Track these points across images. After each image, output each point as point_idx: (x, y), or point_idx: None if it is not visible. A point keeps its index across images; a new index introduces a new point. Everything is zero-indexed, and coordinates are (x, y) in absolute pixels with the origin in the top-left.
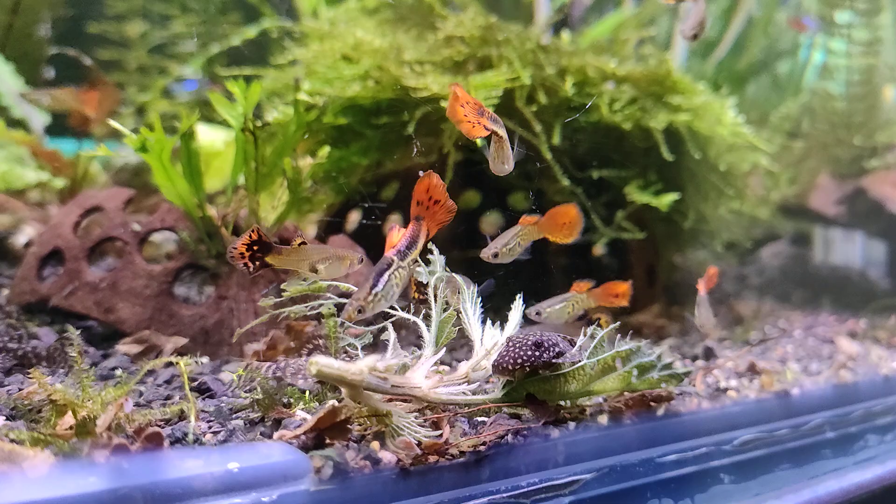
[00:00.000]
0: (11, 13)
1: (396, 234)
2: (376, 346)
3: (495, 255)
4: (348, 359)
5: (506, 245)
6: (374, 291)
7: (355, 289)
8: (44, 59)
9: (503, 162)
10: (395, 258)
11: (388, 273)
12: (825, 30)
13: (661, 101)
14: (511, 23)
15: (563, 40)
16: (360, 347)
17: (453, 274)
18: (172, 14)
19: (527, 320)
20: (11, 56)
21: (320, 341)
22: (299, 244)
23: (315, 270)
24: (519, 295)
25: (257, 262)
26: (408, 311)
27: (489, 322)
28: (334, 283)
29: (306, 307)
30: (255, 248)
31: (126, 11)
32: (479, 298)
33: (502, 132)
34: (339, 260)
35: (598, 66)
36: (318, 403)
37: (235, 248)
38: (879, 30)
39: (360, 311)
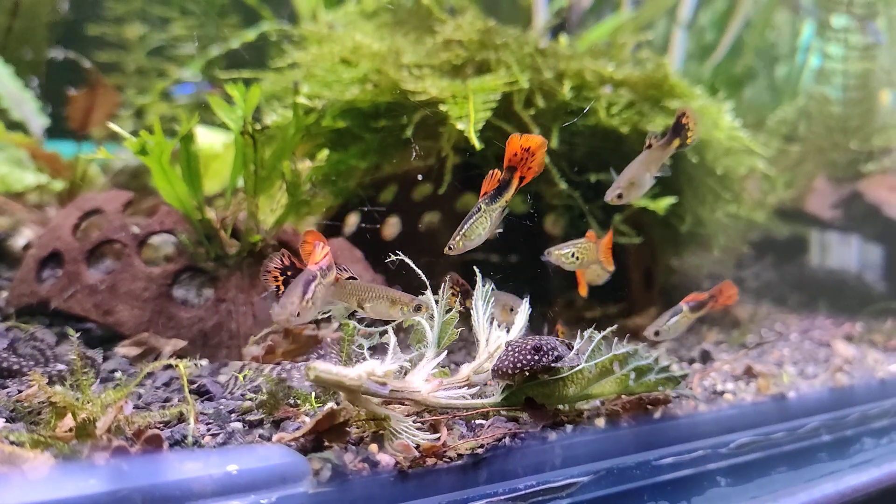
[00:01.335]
0: (11, 15)
1: (320, 252)
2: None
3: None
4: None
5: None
6: (305, 299)
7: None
8: (43, 62)
9: (473, 237)
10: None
11: (314, 284)
12: (822, 34)
13: (659, 104)
14: (509, 27)
15: (561, 44)
16: (366, 348)
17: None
18: (171, 17)
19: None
20: (11, 58)
21: (327, 343)
22: (347, 278)
23: (362, 307)
24: (526, 297)
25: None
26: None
27: (495, 323)
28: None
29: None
30: (290, 273)
31: (125, 14)
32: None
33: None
34: (390, 302)
35: (596, 69)
36: (322, 405)
37: (269, 272)
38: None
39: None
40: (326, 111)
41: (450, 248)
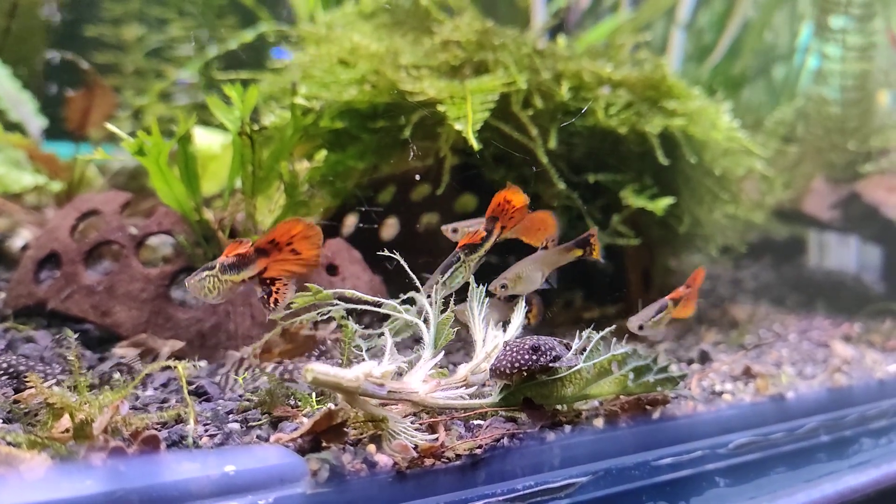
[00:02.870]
0: (8, 16)
1: (233, 248)
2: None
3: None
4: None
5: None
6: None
7: (362, 295)
8: (41, 63)
9: (453, 284)
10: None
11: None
12: (820, 35)
13: (657, 105)
14: (507, 27)
15: (560, 45)
16: (365, 350)
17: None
18: (169, 18)
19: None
20: (8, 59)
21: (326, 345)
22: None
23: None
24: (521, 299)
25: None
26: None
27: (491, 324)
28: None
29: (317, 314)
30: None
31: (123, 15)
32: (486, 300)
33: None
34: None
35: (594, 70)
36: (322, 405)
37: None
38: (873, 35)
39: None
40: (324, 112)
41: (429, 296)
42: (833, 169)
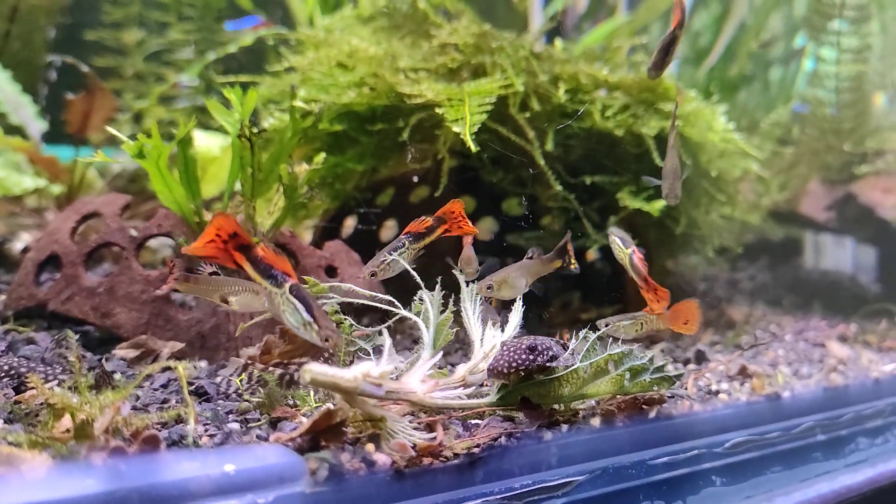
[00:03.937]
0: (9, 20)
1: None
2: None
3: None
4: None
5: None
6: None
7: (360, 290)
8: (41, 66)
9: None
10: None
11: None
12: (815, 38)
13: (653, 107)
14: (505, 31)
15: (557, 48)
16: (370, 349)
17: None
18: (169, 21)
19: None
20: (9, 63)
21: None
22: (210, 273)
23: (226, 301)
24: (519, 297)
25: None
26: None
27: (489, 323)
28: (337, 284)
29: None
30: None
31: (123, 19)
32: (480, 298)
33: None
34: (252, 293)
35: (591, 73)
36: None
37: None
38: (868, 37)
39: None
40: (323, 115)
41: (373, 275)
42: (829, 170)
